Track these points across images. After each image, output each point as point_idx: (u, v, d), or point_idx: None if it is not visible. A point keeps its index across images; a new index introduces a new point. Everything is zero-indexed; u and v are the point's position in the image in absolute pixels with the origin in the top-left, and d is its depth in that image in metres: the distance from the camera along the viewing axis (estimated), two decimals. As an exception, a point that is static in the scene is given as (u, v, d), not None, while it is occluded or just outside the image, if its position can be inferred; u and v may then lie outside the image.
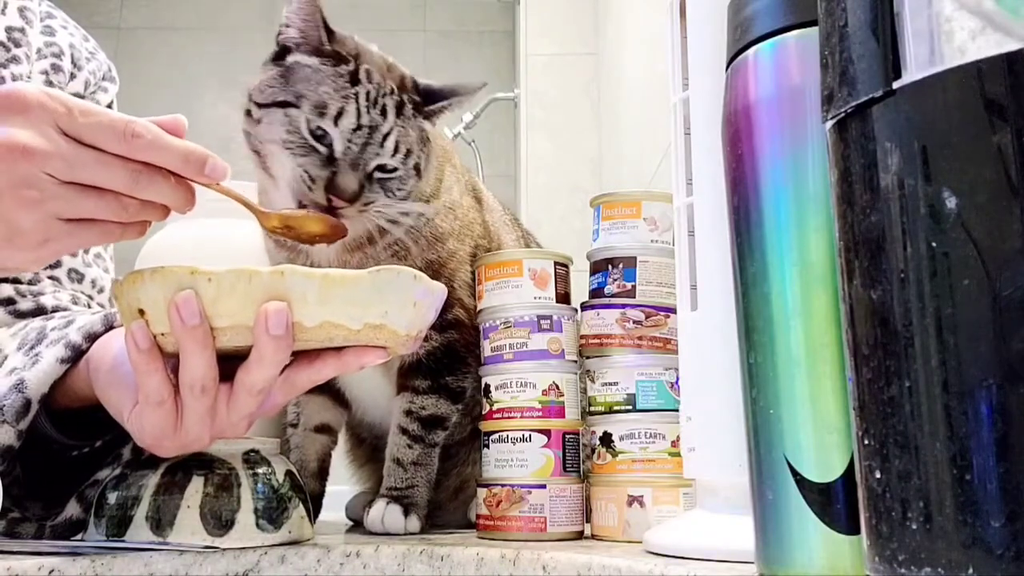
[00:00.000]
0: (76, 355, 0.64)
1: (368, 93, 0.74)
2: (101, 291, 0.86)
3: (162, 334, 0.54)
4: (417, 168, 0.78)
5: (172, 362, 0.55)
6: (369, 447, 0.94)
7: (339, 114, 0.73)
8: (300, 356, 0.57)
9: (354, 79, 0.74)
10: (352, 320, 0.54)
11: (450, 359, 0.83)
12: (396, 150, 0.75)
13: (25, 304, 0.78)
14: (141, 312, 0.54)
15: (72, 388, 0.65)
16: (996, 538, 0.27)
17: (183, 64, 3.01)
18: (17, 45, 0.83)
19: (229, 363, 0.56)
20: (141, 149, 0.54)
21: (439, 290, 0.58)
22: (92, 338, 0.65)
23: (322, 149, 0.72)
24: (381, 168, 0.75)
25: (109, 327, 0.66)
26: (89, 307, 0.83)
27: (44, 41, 0.87)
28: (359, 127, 0.73)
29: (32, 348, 0.66)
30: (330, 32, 0.77)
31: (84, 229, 0.56)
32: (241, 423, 0.57)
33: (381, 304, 0.54)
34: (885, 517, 0.30)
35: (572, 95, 2.46)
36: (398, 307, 0.55)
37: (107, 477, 0.68)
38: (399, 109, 0.76)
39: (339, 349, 0.56)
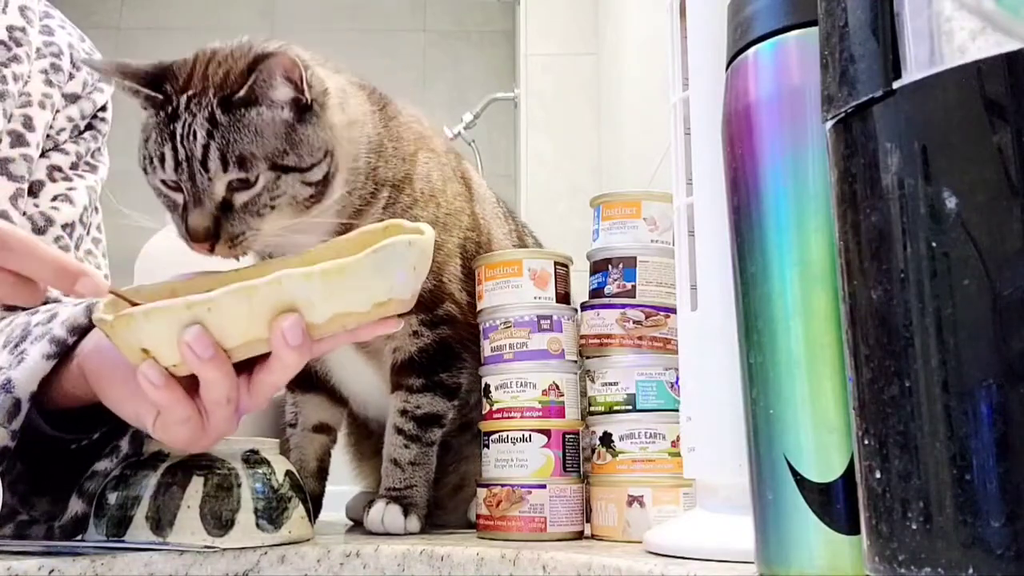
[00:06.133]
0: (62, 350, 0.64)
1: (184, 123, 0.68)
2: None
3: (174, 365, 0.54)
4: (282, 167, 0.69)
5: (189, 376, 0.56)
6: (377, 439, 0.93)
7: (162, 160, 0.68)
8: None
9: (173, 117, 0.68)
10: (361, 305, 0.54)
11: (444, 355, 0.82)
12: (225, 164, 0.67)
13: None
14: (145, 351, 0.54)
15: (70, 391, 0.64)
16: (996, 538, 0.27)
17: (183, 64, 3.01)
18: (18, 44, 0.83)
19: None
20: (11, 258, 0.53)
21: (429, 242, 0.57)
22: (76, 331, 0.65)
23: (178, 198, 0.69)
24: (234, 188, 0.68)
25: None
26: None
27: (43, 41, 0.87)
28: (178, 165, 0.68)
29: (17, 346, 0.66)
30: (159, 76, 0.71)
31: None
32: (262, 405, 0.60)
33: (385, 281, 0.54)
34: (885, 517, 0.30)
35: (572, 95, 2.46)
36: (400, 278, 0.55)
37: (105, 472, 0.67)
38: (211, 121, 0.67)
39: None
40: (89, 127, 0.90)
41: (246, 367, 0.58)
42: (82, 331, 0.65)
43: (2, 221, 0.56)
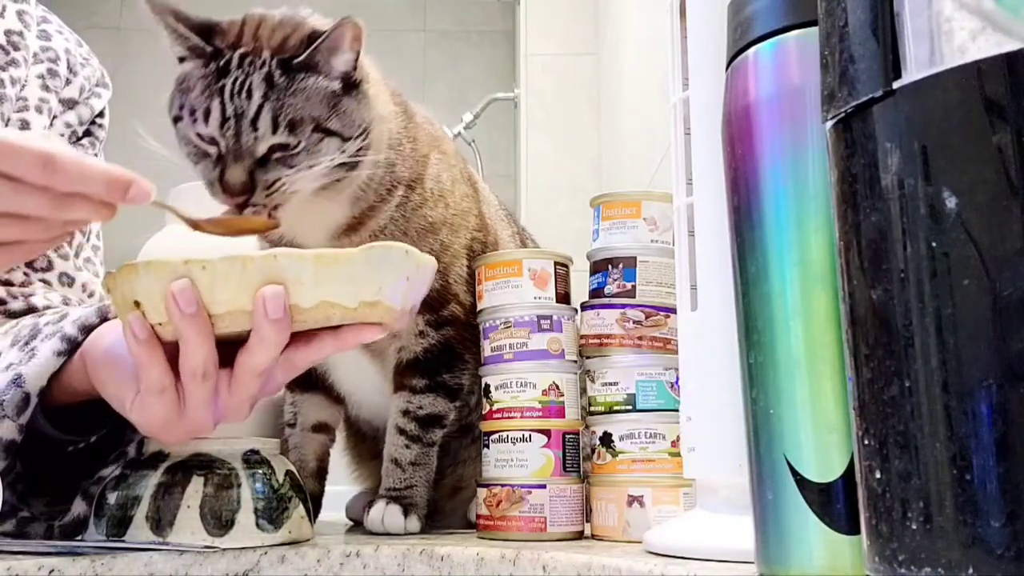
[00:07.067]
0: (72, 347, 0.64)
1: (236, 80, 0.70)
2: (91, 295, 0.86)
3: (160, 324, 0.55)
4: (325, 130, 0.71)
5: (171, 351, 0.56)
6: (371, 442, 0.94)
7: (207, 114, 0.70)
8: (298, 335, 0.58)
9: (223, 72, 0.70)
10: (348, 298, 0.55)
11: (447, 356, 0.82)
12: (276, 126, 0.69)
13: (16, 304, 0.78)
14: (137, 304, 0.55)
15: (69, 385, 0.65)
16: (996, 538, 0.27)
17: (183, 64, 3.01)
18: (16, 48, 0.84)
19: (228, 347, 0.56)
20: (62, 178, 0.53)
21: (429, 263, 0.59)
22: (87, 330, 0.65)
23: (212, 150, 0.70)
24: (276, 148, 0.70)
25: (103, 319, 0.66)
26: None
27: (40, 46, 0.87)
28: (224, 120, 0.69)
29: (27, 344, 0.66)
30: (208, 30, 0.73)
31: (8, 251, 0.56)
32: (243, 405, 0.58)
33: (375, 281, 0.55)
34: (885, 517, 0.30)
35: (572, 95, 2.46)
36: (392, 283, 0.55)
37: (109, 475, 0.68)
38: (268, 82, 0.70)
39: (336, 327, 0.57)
40: (87, 133, 0.90)
41: (229, 364, 0.57)
42: (92, 331, 0.66)
43: (43, 139, 0.55)
